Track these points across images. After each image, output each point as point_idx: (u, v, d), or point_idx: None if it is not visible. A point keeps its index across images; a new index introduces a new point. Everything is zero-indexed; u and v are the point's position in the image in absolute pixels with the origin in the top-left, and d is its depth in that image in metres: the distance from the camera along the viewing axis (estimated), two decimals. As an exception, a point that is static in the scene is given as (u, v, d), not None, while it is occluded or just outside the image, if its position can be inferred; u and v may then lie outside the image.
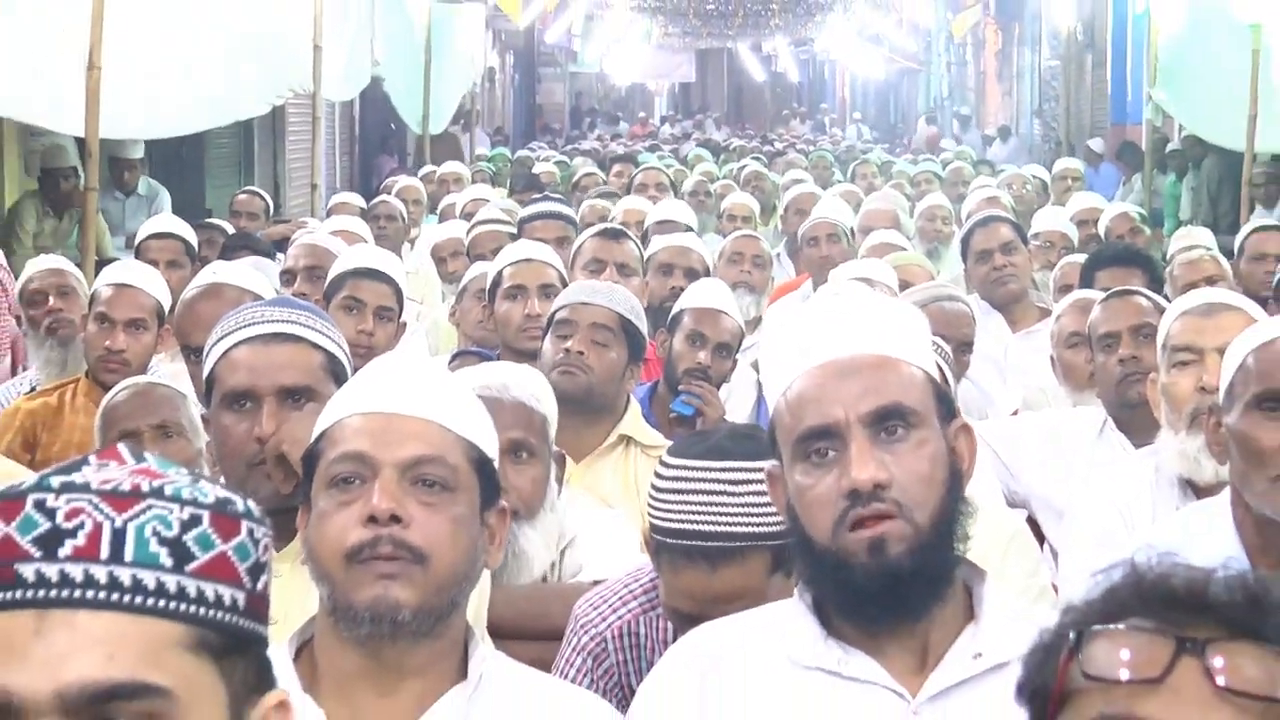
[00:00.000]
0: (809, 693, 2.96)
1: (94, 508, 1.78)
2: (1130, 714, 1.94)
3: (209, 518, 1.83)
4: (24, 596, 1.76)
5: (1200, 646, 1.93)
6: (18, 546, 1.76)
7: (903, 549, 2.84)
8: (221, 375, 3.99)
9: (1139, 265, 7.48)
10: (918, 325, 3.11)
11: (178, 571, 1.79)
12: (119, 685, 1.73)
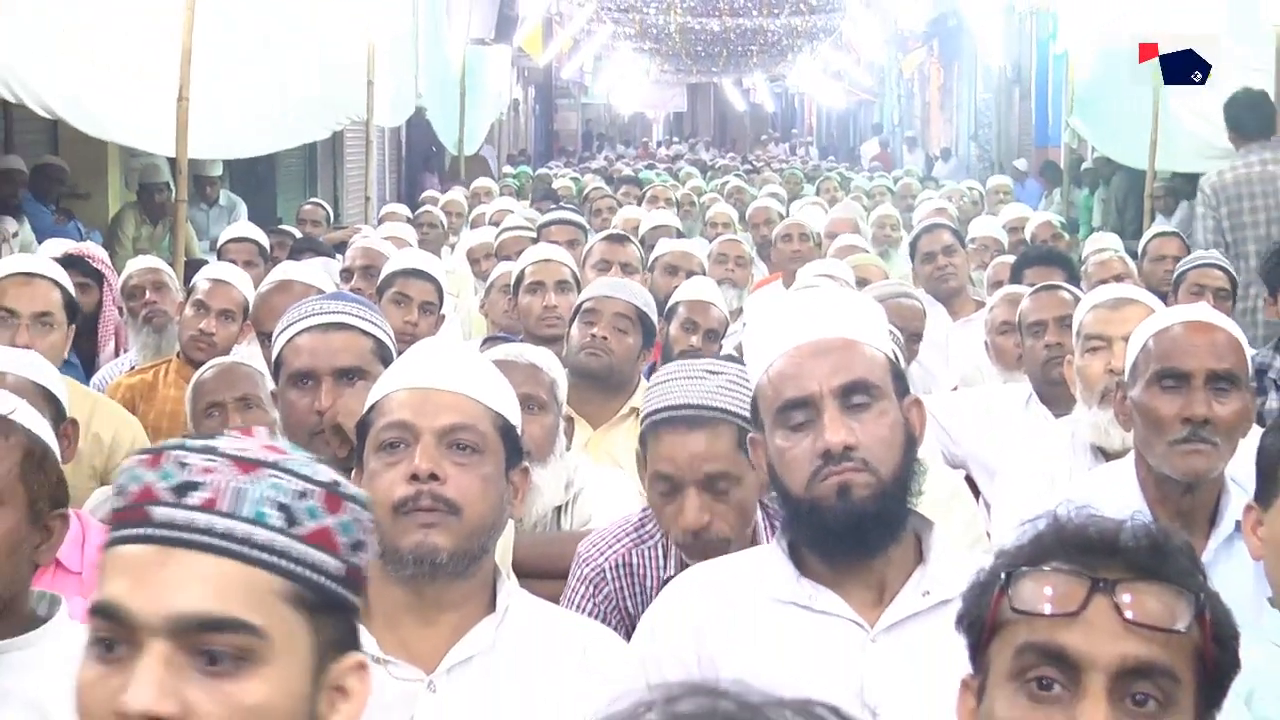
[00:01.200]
0: (784, 623, 3.00)
1: (224, 466, 1.79)
2: (1051, 642, 1.95)
3: (319, 494, 1.83)
4: (153, 534, 1.77)
5: (1111, 585, 1.93)
6: (154, 492, 1.78)
7: (866, 494, 2.88)
8: (287, 358, 4.02)
9: (1060, 264, 7.51)
10: (877, 316, 3.16)
11: (284, 533, 1.79)
12: (220, 619, 1.74)
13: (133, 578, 1.76)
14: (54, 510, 3.06)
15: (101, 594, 1.77)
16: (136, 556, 1.77)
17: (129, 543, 1.78)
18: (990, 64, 26.75)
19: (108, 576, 1.78)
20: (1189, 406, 3.75)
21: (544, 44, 31.02)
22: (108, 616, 1.75)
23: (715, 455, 3.57)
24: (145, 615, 1.74)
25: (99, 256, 8.40)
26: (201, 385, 4.96)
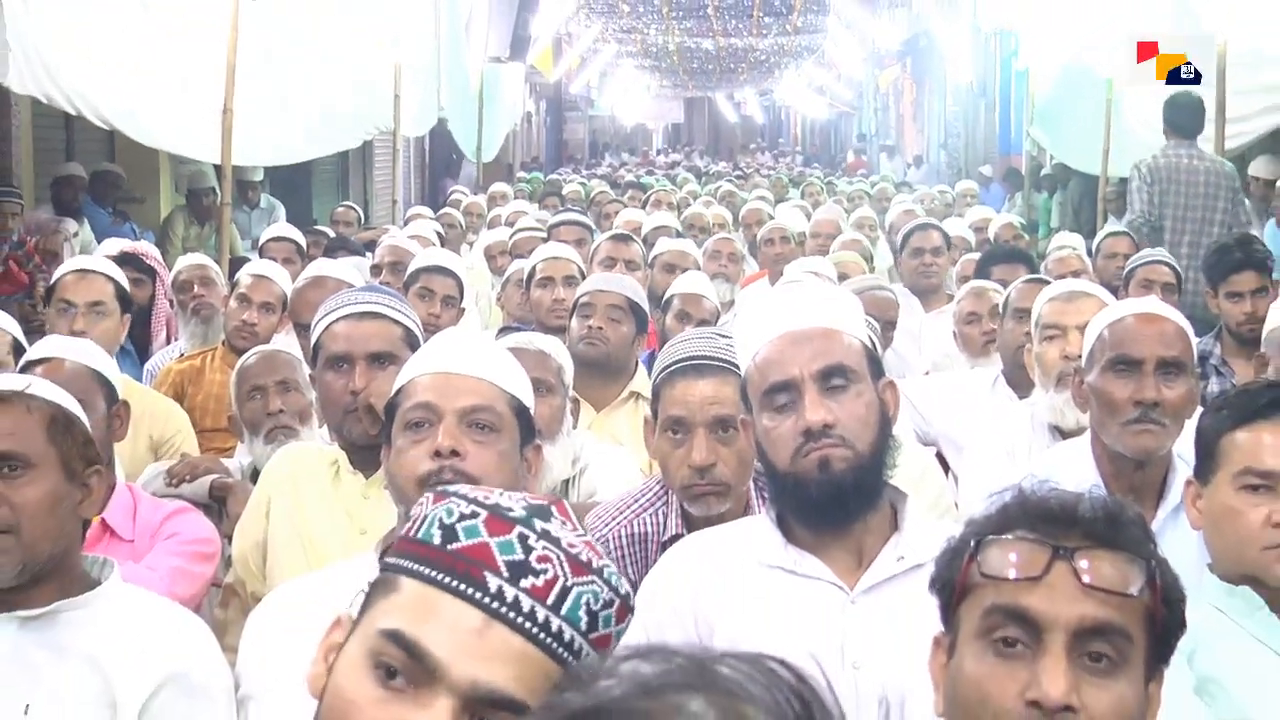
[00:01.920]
0: (772, 586, 3.00)
1: (559, 562, 1.78)
2: (1015, 604, 1.95)
3: (617, 605, 1.83)
4: (483, 601, 1.75)
5: (1070, 553, 1.94)
6: (495, 560, 1.76)
7: (844, 467, 2.90)
8: (325, 344, 4.01)
9: (1023, 261, 7.57)
10: (854, 306, 3.17)
11: (584, 636, 1.78)
12: (514, 701, 1.73)
13: (448, 631, 1.74)
14: (88, 469, 3.06)
15: (409, 628, 1.75)
16: (458, 612, 1.75)
17: (452, 594, 1.76)
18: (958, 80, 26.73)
19: (413, 612, 1.76)
20: (1140, 390, 3.76)
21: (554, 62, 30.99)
22: (410, 652, 1.73)
23: (722, 399, 3.62)
24: (452, 673, 1.73)
25: (152, 254, 8.43)
26: (245, 370, 4.98)
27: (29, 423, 3.01)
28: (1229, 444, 3.00)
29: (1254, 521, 2.89)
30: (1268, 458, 2.94)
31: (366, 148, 17.71)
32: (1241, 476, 2.95)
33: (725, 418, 3.62)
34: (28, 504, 2.94)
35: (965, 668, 1.98)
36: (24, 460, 2.97)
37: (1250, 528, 2.89)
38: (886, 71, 37.06)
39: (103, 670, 2.83)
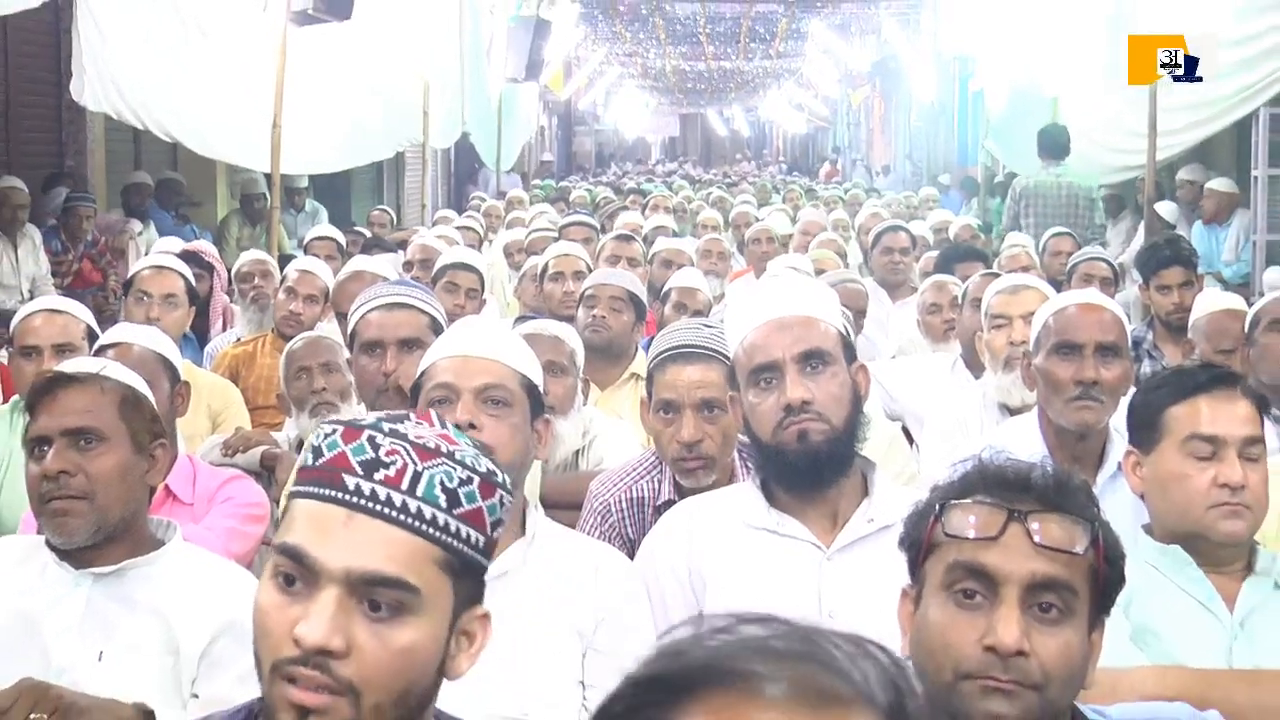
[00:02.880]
0: (756, 545, 3.01)
1: (406, 453, 1.77)
2: (974, 561, 1.95)
3: (478, 482, 1.81)
4: (343, 499, 1.75)
5: (1024, 516, 1.94)
6: (350, 463, 1.77)
7: (821, 439, 2.92)
8: (360, 331, 4.04)
9: (980, 259, 7.57)
10: (831, 297, 3.18)
11: (447, 512, 1.77)
12: (387, 578, 1.73)
13: (320, 531, 1.74)
14: (154, 442, 3.07)
15: (291, 537, 1.75)
16: (326, 514, 1.75)
17: (320, 500, 1.77)
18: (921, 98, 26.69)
19: (296, 524, 1.77)
20: (1081, 371, 3.77)
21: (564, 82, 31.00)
22: (294, 558, 1.74)
23: (708, 383, 3.65)
24: (327, 565, 1.72)
25: (210, 252, 8.49)
26: (293, 353, 4.98)
27: (103, 401, 3.02)
28: (1172, 416, 2.99)
29: (1201, 484, 2.89)
30: (1210, 426, 2.94)
31: (399, 158, 17.68)
32: (1188, 443, 2.94)
33: (710, 400, 3.64)
34: (101, 473, 2.95)
35: (930, 617, 1.98)
36: (98, 434, 2.98)
37: (1198, 489, 2.89)
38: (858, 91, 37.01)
39: (167, 621, 2.83)
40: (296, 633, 1.70)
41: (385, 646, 1.72)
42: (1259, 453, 2.94)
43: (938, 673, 1.95)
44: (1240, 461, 2.91)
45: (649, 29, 32.48)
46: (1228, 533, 2.87)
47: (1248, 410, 2.96)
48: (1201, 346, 5.34)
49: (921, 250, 9.34)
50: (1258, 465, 2.93)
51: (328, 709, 1.70)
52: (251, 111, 10.10)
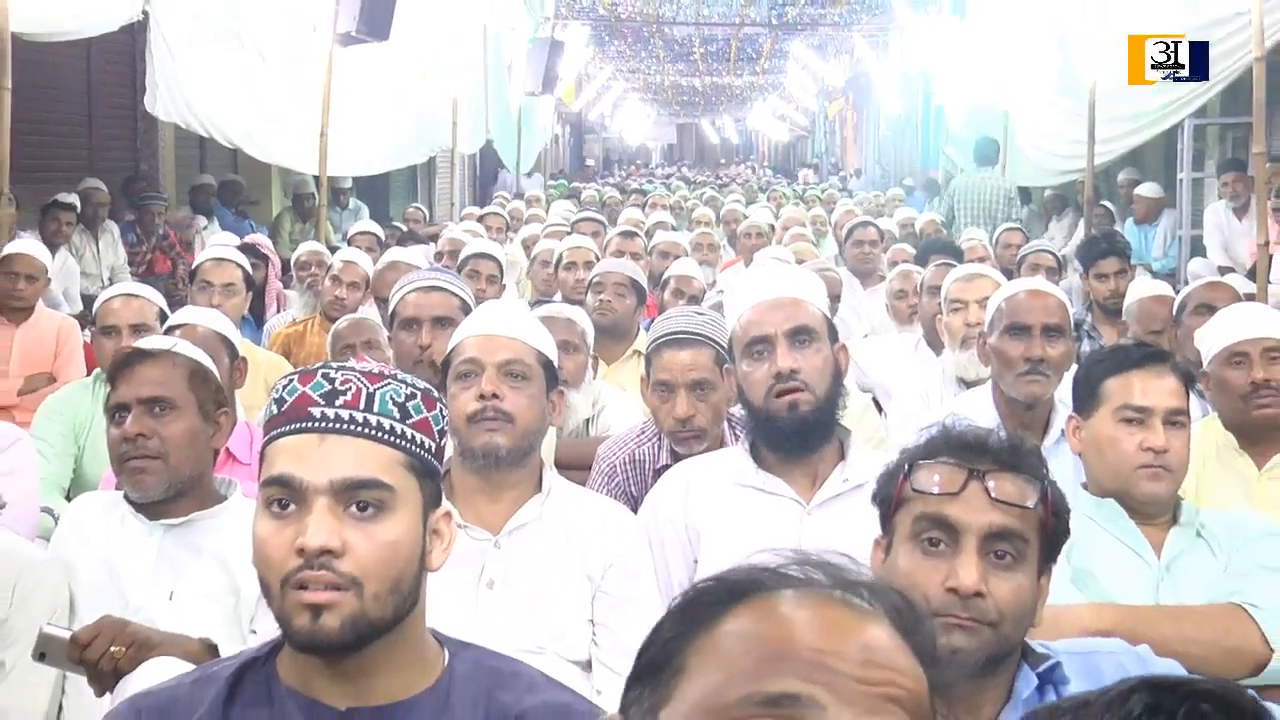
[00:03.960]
0: (745, 501, 3.02)
1: (357, 379, 1.81)
2: (939, 513, 1.96)
3: (421, 396, 1.85)
4: (313, 426, 1.78)
5: (982, 474, 1.95)
6: (311, 398, 1.79)
7: (808, 408, 2.94)
8: (400, 310, 4.07)
9: (952, 253, 7.51)
10: (818, 284, 3.18)
11: (402, 421, 1.81)
12: (365, 480, 1.76)
13: (300, 457, 1.77)
14: (218, 410, 3.08)
15: (275, 470, 1.77)
16: (301, 442, 1.78)
17: (292, 434, 1.79)
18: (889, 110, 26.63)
19: (278, 459, 1.78)
20: (1029, 349, 3.78)
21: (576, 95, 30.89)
22: (283, 484, 1.76)
23: (699, 366, 3.65)
24: (314, 481, 1.75)
25: (265, 245, 8.53)
26: (338, 333, 5.00)
27: (174, 374, 3.03)
28: (1108, 387, 3.00)
29: (1129, 447, 2.89)
30: (1139, 397, 2.94)
31: (431, 162, 17.66)
32: (1120, 411, 2.95)
33: (701, 380, 3.65)
34: (172, 437, 2.96)
35: (899, 563, 1.99)
36: (170, 403, 2.99)
37: (1127, 452, 2.89)
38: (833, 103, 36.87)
39: (229, 566, 2.84)
40: (299, 544, 1.72)
41: (374, 540, 1.75)
42: (1183, 421, 2.94)
43: None
44: (1165, 429, 2.90)
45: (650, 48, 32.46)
46: (1150, 491, 2.88)
47: (1175, 384, 2.96)
48: (1134, 328, 5.35)
49: (889, 243, 9.33)
50: (1180, 432, 2.93)
51: (336, 603, 1.72)
52: (302, 121, 10.09)
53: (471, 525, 2.81)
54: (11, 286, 5.90)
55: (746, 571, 1.21)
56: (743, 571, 1.21)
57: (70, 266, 9.02)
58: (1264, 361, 3.61)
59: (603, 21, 26.94)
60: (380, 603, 1.74)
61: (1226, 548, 2.84)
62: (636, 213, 12.47)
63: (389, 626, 1.75)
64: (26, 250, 6.07)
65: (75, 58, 10.08)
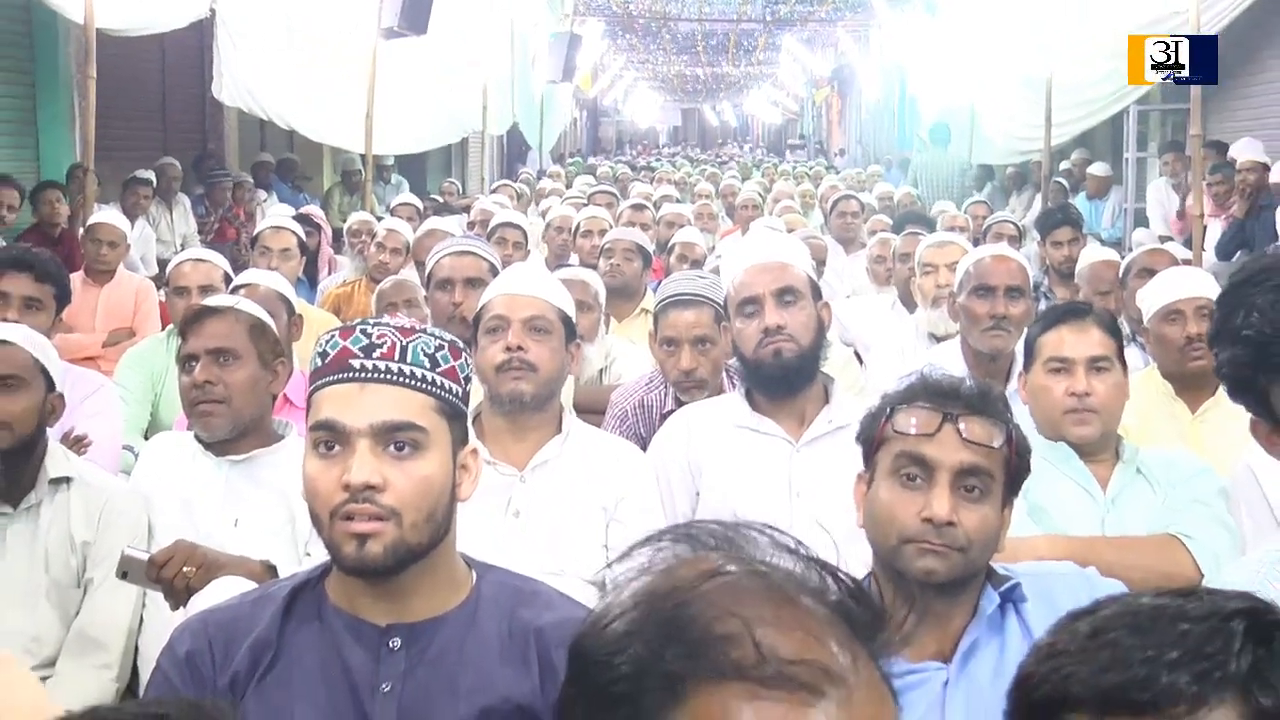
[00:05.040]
0: (740, 440, 3.01)
1: (392, 333, 1.79)
2: (916, 451, 1.95)
3: (449, 347, 1.82)
4: (354, 376, 1.76)
5: (955, 417, 1.94)
6: (351, 351, 1.77)
7: (792, 356, 2.94)
8: (435, 272, 4.07)
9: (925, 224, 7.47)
10: (803, 249, 3.17)
11: (432, 370, 1.79)
12: (402, 423, 1.74)
13: (343, 403, 1.75)
14: (276, 360, 3.07)
15: (321, 415, 1.76)
16: (344, 390, 1.76)
17: (335, 383, 1.77)
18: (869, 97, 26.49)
19: (324, 405, 1.77)
20: (993, 308, 3.77)
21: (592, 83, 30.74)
22: (329, 429, 1.74)
23: (700, 324, 3.63)
24: (356, 425, 1.73)
25: (318, 215, 8.51)
26: (382, 293, 4.99)
27: (237, 328, 3.02)
28: (1041, 343, 3.00)
29: (1057, 395, 2.88)
30: (1063, 349, 2.93)
31: (464, 142, 17.59)
32: (1049, 363, 2.94)
33: (702, 336, 3.63)
34: (236, 383, 2.95)
35: (880, 495, 1.98)
36: (234, 353, 2.98)
37: (1055, 399, 2.88)
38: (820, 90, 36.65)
39: (286, 497, 2.84)
40: (344, 480, 1.71)
41: (410, 476, 1.73)
42: (1106, 366, 2.92)
43: (885, 538, 1.95)
44: (1089, 375, 2.89)
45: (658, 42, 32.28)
46: (1078, 434, 2.87)
47: (1098, 335, 2.94)
48: (1085, 289, 5.32)
49: (868, 214, 9.28)
50: (1105, 376, 2.91)
51: (380, 531, 1.71)
52: (350, 106, 10.07)
53: (499, 462, 2.81)
54: (96, 252, 5.89)
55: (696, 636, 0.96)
56: (683, 630, 0.97)
57: (147, 234, 9.01)
58: (1197, 318, 3.59)
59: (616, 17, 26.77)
60: (417, 530, 1.73)
61: (1164, 484, 2.84)
62: (646, 186, 12.42)
63: (425, 552, 1.75)
64: (109, 220, 6.06)
65: (151, 51, 10.04)
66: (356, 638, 1.75)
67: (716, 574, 1.00)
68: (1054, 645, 1.12)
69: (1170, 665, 1.03)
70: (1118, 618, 1.09)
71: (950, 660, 1.92)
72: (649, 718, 0.96)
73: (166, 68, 11.14)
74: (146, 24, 8.04)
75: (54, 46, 9.06)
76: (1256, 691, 1.03)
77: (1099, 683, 1.05)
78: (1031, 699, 1.11)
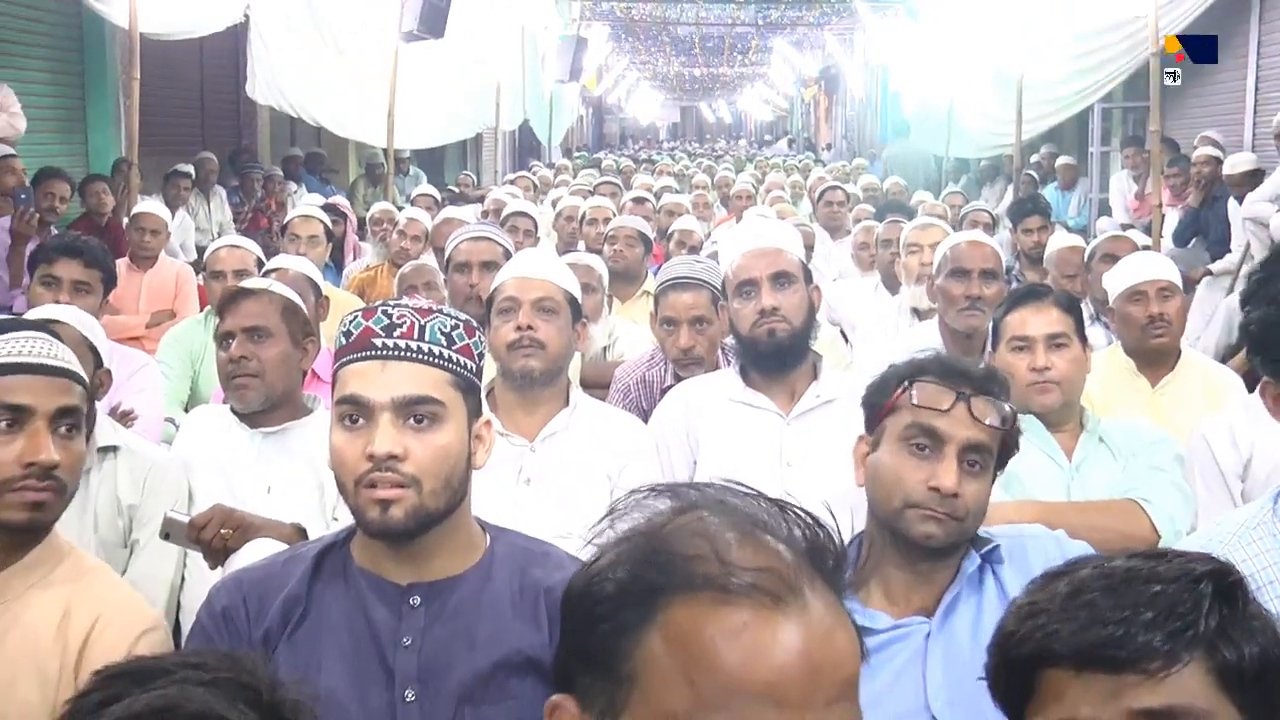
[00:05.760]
0: (735, 414, 2.99)
1: (410, 314, 1.77)
2: (929, 424, 1.95)
3: (464, 326, 1.81)
4: (376, 354, 1.75)
5: (968, 397, 1.94)
6: (373, 330, 1.76)
7: (784, 335, 2.92)
8: (454, 256, 4.06)
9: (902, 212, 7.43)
10: (796, 236, 3.14)
11: (448, 348, 1.77)
12: (421, 397, 1.73)
13: (367, 379, 1.74)
14: (305, 338, 3.06)
15: (346, 391, 1.75)
16: (367, 367, 1.75)
17: (359, 361, 1.76)
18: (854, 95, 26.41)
19: (349, 381, 1.75)
20: (969, 289, 3.75)
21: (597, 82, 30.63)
22: (354, 403, 1.73)
23: (698, 305, 3.62)
24: (379, 399, 1.72)
25: (344, 205, 8.54)
26: (404, 276, 4.96)
27: (270, 308, 3.02)
28: (1004, 324, 2.99)
29: (1020, 370, 2.87)
30: (1022, 328, 2.93)
31: (478, 137, 17.55)
32: (1011, 342, 2.94)
33: (699, 317, 3.61)
34: (269, 359, 2.95)
35: (886, 459, 1.96)
36: (267, 332, 2.98)
37: (1019, 374, 2.87)
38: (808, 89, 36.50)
39: (315, 466, 2.83)
40: (368, 451, 1.70)
41: (428, 446, 1.72)
42: (1064, 342, 2.91)
43: (888, 500, 1.94)
44: (1048, 351, 2.89)
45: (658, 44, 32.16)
46: (1040, 404, 2.85)
47: (1056, 314, 2.93)
48: (1053, 273, 5.31)
49: (853, 204, 9.25)
50: (1064, 351, 2.90)
51: (401, 498, 1.70)
52: (373, 104, 10.04)
53: (511, 433, 2.80)
54: (140, 239, 5.88)
55: (661, 550, 1.01)
56: (657, 550, 1.01)
57: (186, 223, 8.98)
58: (1159, 299, 3.60)
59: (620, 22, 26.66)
60: (436, 496, 1.73)
61: (1125, 452, 2.83)
62: (647, 178, 12.41)
63: (443, 516, 1.74)
64: (151, 210, 6.05)
65: (190, 53, 10.00)
66: (380, 596, 1.75)
67: (688, 511, 1.04)
68: (1034, 604, 1.12)
69: (1146, 625, 1.04)
70: (1095, 579, 1.09)
71: (933, 615, 1.91)
72: (627, 631, 0.99)
73: (204, 69, 11.10)
74: (186, 28, 8.06)
75: (101, 50, 9.04)
76: (1222, 647, 1.04)
77: (1078, 640, 1.06)
78: (1013, 655, 1.12)
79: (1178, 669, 1.03)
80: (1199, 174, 8.02)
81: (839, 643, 0.99)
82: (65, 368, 2.02)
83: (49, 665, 1.89)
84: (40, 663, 1.89)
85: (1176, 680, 1.03)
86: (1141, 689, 1.03)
